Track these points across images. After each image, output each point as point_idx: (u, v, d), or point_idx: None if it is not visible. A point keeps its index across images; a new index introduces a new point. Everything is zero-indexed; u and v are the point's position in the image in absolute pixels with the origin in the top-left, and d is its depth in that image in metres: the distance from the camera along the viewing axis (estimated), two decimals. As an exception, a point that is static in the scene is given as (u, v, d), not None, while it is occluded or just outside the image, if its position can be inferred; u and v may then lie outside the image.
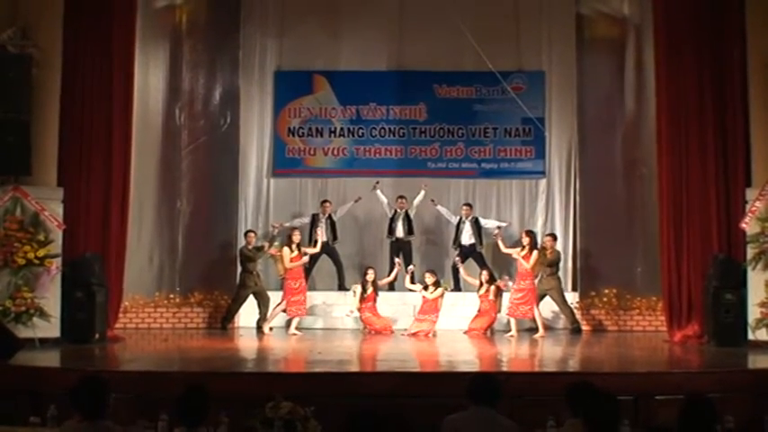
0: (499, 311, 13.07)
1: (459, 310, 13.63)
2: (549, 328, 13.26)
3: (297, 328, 12.96)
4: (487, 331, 12.96)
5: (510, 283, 13.33)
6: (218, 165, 14.68)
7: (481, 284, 13.09)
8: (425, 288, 13.12)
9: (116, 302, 12.24)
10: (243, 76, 14.96)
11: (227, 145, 14.73)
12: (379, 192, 14.62)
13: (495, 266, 14.18)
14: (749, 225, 11.27)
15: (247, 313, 13.79)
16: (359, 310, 13.31)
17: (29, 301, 10.89)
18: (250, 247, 13.73)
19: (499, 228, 14.08)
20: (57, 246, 11.24)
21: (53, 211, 11.26)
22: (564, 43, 14.94)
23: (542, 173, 15.08)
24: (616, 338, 13.10)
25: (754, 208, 11.23)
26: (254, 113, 15.16)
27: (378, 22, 15.05)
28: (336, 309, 14.08)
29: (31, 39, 11.18)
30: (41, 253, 10.99)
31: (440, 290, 13.06)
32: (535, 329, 12.84)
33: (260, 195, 15.14)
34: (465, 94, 15.28)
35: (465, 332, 12.95)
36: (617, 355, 11.52)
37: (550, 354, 11.44)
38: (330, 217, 14.45)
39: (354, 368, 9.78)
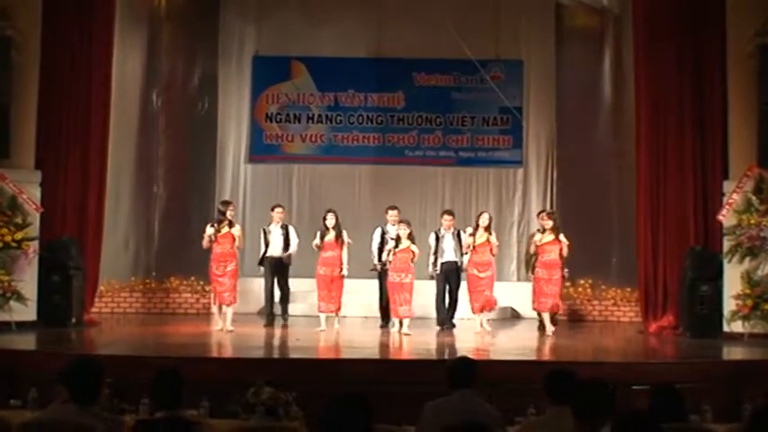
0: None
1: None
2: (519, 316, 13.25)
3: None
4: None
5: None
6: (195, 150, 14.65)
7: None
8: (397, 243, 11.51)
9: (92, 286, 12.20)
10: (221, 61, 14.90)
11: (204, 130, 14.68)
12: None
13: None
14: (726, 217, 11.34)
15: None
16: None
17: (6, 285, 10.87)
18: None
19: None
20: (34, 229, 11.21)
21: (31, 194, 11.22)
22: (543, 33, 14.97)
23: (519, 162, 15.09)
24: (591, 328, 13.20)
25: (731, 200, 11.31)
26: (233, 99, 15.10)
27: (357, 10, 14.96)
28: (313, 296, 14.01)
29: (10, 21, 11.11)
30: (19, 236, 10.95)
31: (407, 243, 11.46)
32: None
33: (237, 181, 15.05)
34: (443, 82, 15.25)
35: None
36: (592, 344, 11.62)
37: (526, 343, 11.48)
38: (286, 227, 12.30)
39: (333, 355, 9.76)
